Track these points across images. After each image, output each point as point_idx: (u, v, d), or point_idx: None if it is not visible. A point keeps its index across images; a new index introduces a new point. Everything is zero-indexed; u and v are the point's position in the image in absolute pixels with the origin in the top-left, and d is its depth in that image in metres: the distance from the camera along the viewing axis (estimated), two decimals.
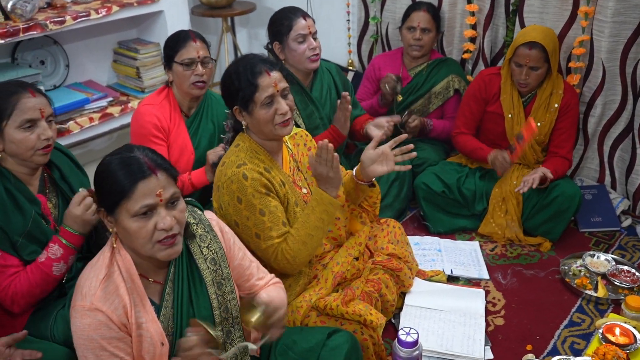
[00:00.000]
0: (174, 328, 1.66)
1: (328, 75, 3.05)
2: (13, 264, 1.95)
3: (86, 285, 1.55)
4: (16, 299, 1.94)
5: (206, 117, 2.70)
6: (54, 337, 1.95)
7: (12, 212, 1.94)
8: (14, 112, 1.91)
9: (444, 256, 2.84)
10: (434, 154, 3.30)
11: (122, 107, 3.68)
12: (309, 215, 2.09)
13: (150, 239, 1.53)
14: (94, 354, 1.52)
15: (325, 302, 2.17)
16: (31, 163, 1.99)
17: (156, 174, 1.53)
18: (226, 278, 1.74)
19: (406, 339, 1.90)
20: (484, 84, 3.06)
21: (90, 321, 1.52)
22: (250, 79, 2.02)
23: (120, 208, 1.52)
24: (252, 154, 2.10)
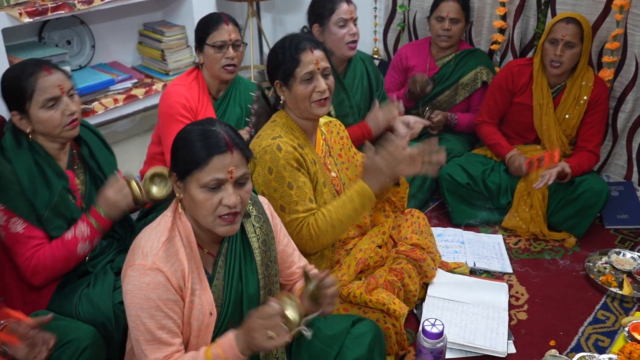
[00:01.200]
0: (223, 300, 1.68)
1: (362, 64, 3.03)
2: (37, 236, 1.97)
3: (147, 246, 1.57)
4: (37, 271, 1.96)
5: (234, 101, 2.70)
6: (78, 315, 1.96)
7: (40, 185, 1.96)
8: (34, 93, 1.92)
9: (467, 248, 2.81)
10: (459, 145, 3.26)
11: (147, 89, 3.69)
12: (346, 203, 2.09)
13: (213, 212, 1.56)
14: (149, 313, 1.53)
15: (348, 289, 2.16)
16: (61, 139, 2.01)
17: (232, 152, 1.55)
18: (273, 261, 1.78)
19: (431, 330, 1.89)
20: (512, 75, 3.02)
21: (150, 280, 1.53)
22: (293, 53, 2.05)
23: (191, 176, 1.55)
24: (288, 129, 2.12)
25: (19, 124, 1.96)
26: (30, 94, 1.91)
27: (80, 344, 1.78)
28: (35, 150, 1.98)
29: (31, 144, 1.98)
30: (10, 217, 1.92)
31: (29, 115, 1.94)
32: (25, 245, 1.95)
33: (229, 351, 1.57)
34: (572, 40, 2.78)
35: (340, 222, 2.08)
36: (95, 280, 2.04)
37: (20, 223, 1.93)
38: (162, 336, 1.55)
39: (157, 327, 1.54)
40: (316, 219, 2.06)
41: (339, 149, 2.34)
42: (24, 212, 1.93)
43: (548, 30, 2.85)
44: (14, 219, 1.93)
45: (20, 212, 1.93)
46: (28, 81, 1.91)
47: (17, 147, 1.96)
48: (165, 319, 1.55)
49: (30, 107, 1.93)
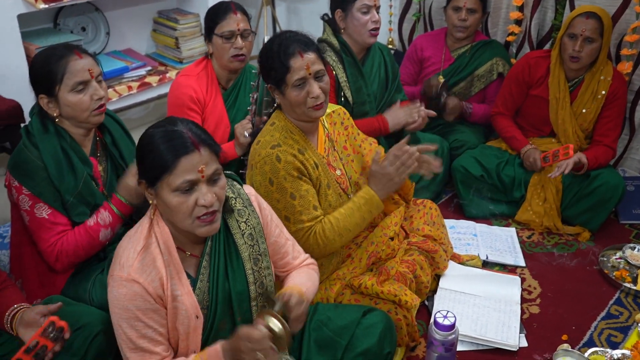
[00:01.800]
0: (209, 302, 1.66)
1: (380, 53, 3.00)
2: (62, 222, 1.98)
3: (124, 256, 1.56)
4: (61, 257, 1.98)
5: (244, 91, 2.69)
6: (92, 300, 1.98)
7: (66, 171, 1.97)
8: (65, 76, 1.92)
9: (479, 241, 2.79)
10: (473, 137, 3.24)
11: (160, 76, 3.69)
12: (353, 211, 2.08)
13: (190, 214, 1.52)
14: (128, 323, 1.54)
15: (359, 280, 2.15)
16: (87, 124, 2.01)
17: (199, 150, 1.51)
18: (263, 254, 1.74)
19: (443, 322, 1.88)
20: (529, 67, 2.99)
21: (127, 291, 1.53)
22: (282, 59, 1.96)
23: (161, 182, 1.51)
24: (287, 133, 2.07)
25: (47, 108, 1.96)
26: (60, 77, 1.91)
27: (92, 329, 1.79)
28: (62, 136, 1.99)
29: (57, 129, 1.99)
30: (35, 203, 1.94)
31: (57, 98, 1.94)
32: (50, 230, 1.96)
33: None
34: (592, 36, 2.74)
35: (348, 231, 2.08)
36: (108, 267, 2.04)
37: (45, 209, 1.95)
38: (144, 345, 1.55)
39: (138, 336, 1.55)
40: (323, 228, 2.04)
41: (344, 140, 2.29)
42: (50, 198, 1.94)
43: (567, 24, 2.81)
44: (39, 205, 1.94)
45: (45, 198, 1.94)
46: (59, 64, 1.91)
47: (43, 132, 1.97)
48: (145, 328, 1.55)
49: (60, 91, 1.93)
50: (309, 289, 1.81)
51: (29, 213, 1.96)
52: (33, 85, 1.99)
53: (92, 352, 1.77)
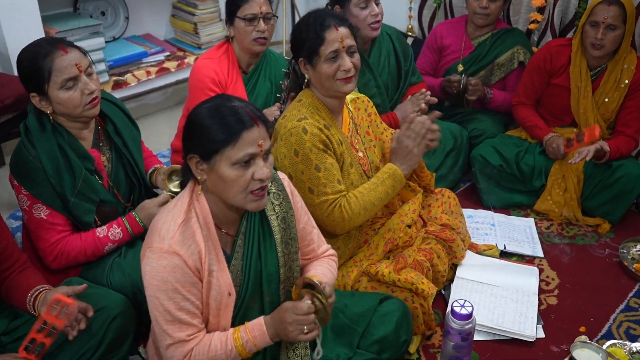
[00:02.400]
0: (241, 280, 1.67)
1: (388, 40, 2.96)
2: (60, 223, 1.98)
3: (164, 228, 1.57)
4: (60, 258, 1.98)
5: (264, 75, 2.68)
6: (110, 283, 1.99)
7: (64, 171, 1.95)
8: (52, 74, 1.87)
9: (497, 231, 2.77)
10: (493, 126, 3.20)
11: (179, 62, 3.70)
12: (377, 186, 2.09)
13: (245, 188, 1.54)
14: (167, 295, 1.54)
15: (376, 268, 2.15)
16: (82, 118, 1.98)
17: (258, 125, 1.54)
18: (293, 238, 1.76)
19: (460, 311, 1.87)
20: (550, 55, 2.94)
21: (167, 263, 1.53)
22: (317, 31, 2.01)
23: (220, 155, 1.52)
24: (314, 109, 2.09)
25: (39, 106, 1.93)
26: (47, 75, 1.87)
27: (111, 312, 1.81)
28: (59, 132, 1.96)
29: (54, 125, 1.96)
30: (34, 203, 1.94)
31: (48, 96, 1.90)
32: (50, 230, 1.96)
33: (259, 337, 1.61)
34: (614, 23, 2.69)
35: (372, 205, 2.08)
36: (126, 251, 2.06)
37: (43, 209, 1.94)
38: (181, 317, 1.57)
39: (176, 308, 1.55)
40: (348, 201, 2.04)
41: (367, 126, 2.31)
42: (48, 199, 1.93)
43: (589, 11, 2.75)
44: (38, 205, 1.94)
45: (44, 198, 1.93)
46: (45, 62, 1.86)
47: (40, 130, 1.94)
48: (183, 300, 1.56)
49: (49, 89, 1.89)
50: (329, 279, 1.82)
51: (27, 212, 1.96)
52: (23, 84, 1.95)
53: (110, 333, 1.80)
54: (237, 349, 1.60)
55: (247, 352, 1.62)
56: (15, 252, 1.84)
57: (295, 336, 1.59)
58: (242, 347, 1.61)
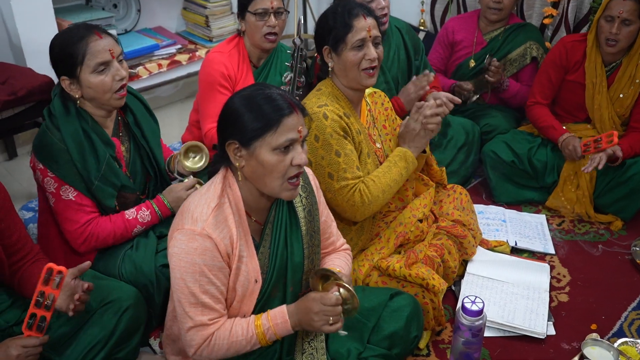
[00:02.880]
0: (268, 268, 1.69)
1: (397, 34, 2.93)
2: (88, 205, 2.00)
3: (197, 211, 1.58)
4: (90, 240, 2.00)
5: (274, 69, 2.68)
6: (121, 276, 2.00)
7: (89, 154, 1.97)
8: (86, 57, 1.90)
9: (508, 227, 2.76)
10: (505, 121, 3.18)
11: (190, 55, 3.70)
12: (391, 168, 2.12)
13: (284, 174, 1.57)
14: (193, 277, 1.56)
15: (387, 263, 2.15)
16: (109, 105, 2.00)
17: (296, 111, 1.56)
18: (317, 231, 1.78)
19: (471, 307, 1.86)
20: (566, 51, 2.92)
21: (198, 245, 1.54)
22: (346, 19, 2.04)
23: (260, 141, 1.54)
24: (334, 98, 2.11)
25: (69, 89, 1.96)
26: (81, 58, 1.90)
27: (122, 304, 1.82)
28: (83, 117, 1.98)
29: (79, 110, 1.98)
30: (61, 185, 1.95)
31: (79, 80, 1.93)
32: (79, 212, 1.98)
33: (281, 325, 1.62)
34: (630, 18, 2.66)
35: (389, 187, 2.11)
36: (138, 243, 2.07)
37: (71, 191, 1.96)
38: (205, 300, 1.57)
39: (201, 291, 1.56)
40: (367, 185, 2.06)
41: (384, 120, 2.32)
42: (74, 181, 1.96)
43: (604, 6, 2.73)
44: (65, 187, 1.96)
45: (70, 180, 1.95)
46: (79, 45, 1.90)
47: (65, 113, 1.97)
48: (209, 284, 1.57)
49: (81, 72, 1.92)
50: (347, 273, 1.85)
51: (55, 195, 1.97)
52: (54, 67, 1.98)
53: (122, 325, 1.81)
54: (258, 336, 1.62)
55: (268, 339, 1.63)
56: (28, 243, 1.86)
57: (320, 326, 1.60)
58: (263, 334, 1.62)
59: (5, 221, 1.75)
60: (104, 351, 1.78)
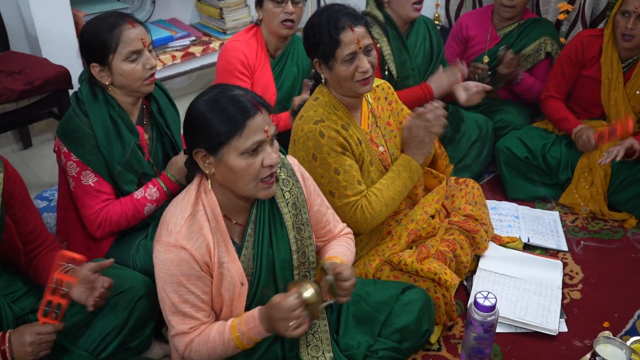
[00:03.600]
0: (253, 269, 1.67)
1: (424, 27, 2.93)
2: (106, 191, 2.02)
3: (172, 222, 1.58)
4: (104, 225, 2.02)
5: (291, 60, 2.68)
6: (135, 265, 2.02)
7: (114, 140, 1.99)
8: (119, 45, 1.92)
9: (521, 223, 2.75)
10: (519, 117, 3.16)
11: (204, 47, 3.70)
12: (394, 179, 2.07)
13: (256, 176, 1.54)
14: (172, 288, 1.57)
15: (399, 257, 2.14)
16: (138, 93, 2.02)
17: (261, 111, 1.53)
18: (305, 223, 1.75)
19: (484, 303, 1.85)
20: (582, 45, 2.89)
21: (173, 257, 1.55)
22: (332, 33, 1.93)
23: (227, 147, 1.51)
24: (331, 109, 2.05)
25: (99, 76, 1.97)
26: (114, 46, 1.92)
27: (136, 293, 1.84)
28: (110, 104, 2.01)
29: (106, 97, 2.00)
30: (83, 170, 1.97)
31: (110, 67, 1.95)
32: (95, 198, 2.00)
33: (254, 329, 1.59)
34: None
35: (392, 200, 2.06)
36: (152, 233, 2.08)
37: (92, 176, 1.98)
38: (185, 310, 1.58)
39: (181, 301, 1.57)
40: (369, 201, 2.02)
41: (387, 116, 2.25)
42: (97, 166, 1.98)
43: (621, 1, 2.70)
44: (87, 172, 1.97)
45: (93, 165, 1.97)
46: (112, 33, 1.91)
47: (93, 99, 1.99)
48: (188, 294, 1.57)
49: (113, 60, 1.93)
50: (348, 258, 1.82)
51: (75, 179, 1.99)
52: (84, 54, 2.00)
53: (135, 314, 1.82)
54: (234, 340, 1.60)
55: (245, 343, 1.61)
56: (44, 232, 1.87)
57: (284, 332, 1.56)
58: (239, 339, 1.60)
59: (21, 210, 1.77)
60: (117, 340, 1.79)
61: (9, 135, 3.36)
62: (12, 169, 1.75)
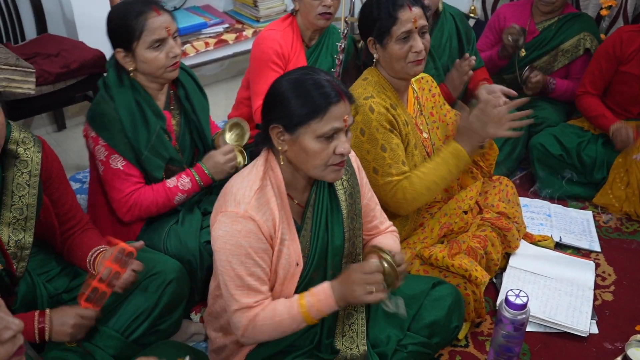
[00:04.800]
0: (309, 251, 1.68)
1: (451, 21, 2.87)
2: (135, 175, 2.04)
3: (240, 193, 1.58)
4: (133, 210, 2.03)
5: (326, 50, 2.67)
6: (166, 249, 2.03)
7: (140, 125, 2.01)
8: (143, 33, 1.93)
9: (553, 222, 2.70)
10: (554, 114, 3.10)
11: (237, 34, 3.70)
12: (440, 165, 2.05)
13: (326, 162, 1.55)
14: (239, 260, 1.56)
15: (430, 252, 2.13)
16: (161, 80, 2.03)
17: (344, 100, 1.53)
18: (358, 214, 1.76)
19: (515, 301, 1.83)
20: (621, 41, 2.82)
21: (242, 228, 1.54)
22: (390, 10, 1.96)
23: (305, 127, 1.51)
24: (380, 88, 2.06)
25: (123, 62, 1.99)
26: (139, 33, 1.93)
27: (167, 277, 1.85)
28: (136, 89, 2.02)
29: (132, 82, 2.02)
30: (111, 154, 1.99)
31: (134, 54, 1.96)
32: (125, 181, 2.02)
33: (324, 300, 1.59)
34: None
35: (435, 184, 2.04)
36: (183, 218, 2.09)
37: (120, 160, 2.00)
38: (251, 283, 1.58)
39: (247, 273, 1.57)
40: (411, 182, 2.01)
41: (431, 107, 2.27)
42: (124, 151, 2.00)
43: None
44: (115, 156, 1.99)
45: (120, 150, 1.99)
46: (137, 20, 1.92)
47: (119, 84, 2.01)
48: (254, 266, 1.57)
49: (137, 47, 1.95)
50: (397, 250, 1.81)
51: (104, 163, 2.01)
52: (110, 39, 2.01)
53: (165, 297, 1.83)
54: (303, 314, 1.59)
55: (313, 317, 1.61)
56: (79, 212, 1.90)
57: (360, 295, 1.55)
58: (307, 312, 1.59)
59: (59, 190, 1.79)
60: (147, 322, 1.80)
61: (44, 117, 3.40)
62: (49, 150, 1.77)
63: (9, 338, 0.97)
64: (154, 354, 1.62)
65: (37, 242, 1.79)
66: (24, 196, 1.67)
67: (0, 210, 1.65)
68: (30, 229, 1.70)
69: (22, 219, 1.68)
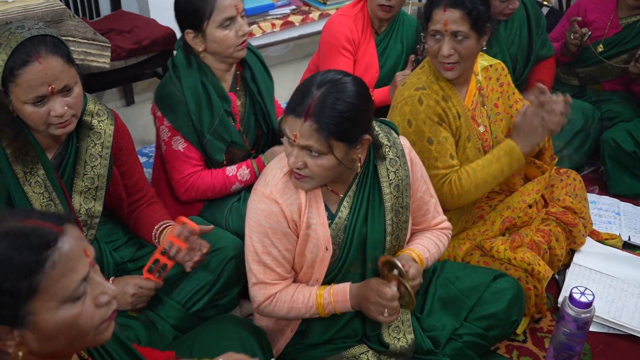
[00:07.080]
0: (343, 241, 1.67)
1: (521, 8, 2.74)
2: (195, 157, 2.07)
3: (271, 174, 1.61)
4: (190, 191, 2.08)
5: (395, 37, 2.62)
6: (227, 226, 2.07)
7: (204, 107, 2.02)
8: (213, 12, 1.94)
9: (622, 220, 2.60)
10: (629, 109, 2.95)
11: (304, 16, 3.70)
12: (492, 162, 1.99)
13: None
14: (258, 237, 1.60)
15: (491, 244, 2.08)
16: (231, 59, 2.04)
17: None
18: (405, 207, 1.72)
19: (580, 299, 1.78)
20: None
21: (264, 208, 1.58)
22: (429, 6, 1.92)
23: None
24: (434, 78, 2.01)
25: (192, 43, 2.00)
26: (209, 13, 1.94)
27: (228, 253, 1.88)
28: (203, 71, 2.04)
29: (200, 64, 2.04)
30: (174, 135, 2.03)
31: (204, 34, 1.97)
32: (185, 163, 2.06)
33: (341, 302, 1.63)
34: None
35: (485, 182, 1.99)
36: (245, 196, 2.12)
37: (182, 142, 2.04)
38: (267, 261, 1.61)
39: (264, 252, 1.60)
40: (459, 177, 1.97)
41: (496, 97, 2.16)
42: (187, 133, 2.03)
43: None
44: (177, 137, 2.03)
45: (183, 132, 2.02)
46: (207, 0, 1.94)
47: (187, 66, 2.03)
48: (271, 246, 1.60)
49: (208, 26, 1.95)
50: (432, 255, 1.77)
51: (167, 143, 2.05)
52: (178, 21, 2.02)
53: (226, 273, 1.87)
54: (318, 307, 1.64)
55: (327, 313, 1.65)
56: (145, 185, 1.95)
57: (375, 316, 1.59)
58: (322, 306, 1.64)
59: (128, 162, 1.84)
60: (208, 295, 1.85)
61: (114, 91, 3.51)
62: (121, 123, 1.83)
63: (104, 303, 0.99)
64: (214, 327, 1.68)
65: (106, 212, 1.85)
66: (95, 166, 1.74)
67: (74, 178, 1.72)
68: (100, 198, 1.76)
69: (93, 188, 1.74)
